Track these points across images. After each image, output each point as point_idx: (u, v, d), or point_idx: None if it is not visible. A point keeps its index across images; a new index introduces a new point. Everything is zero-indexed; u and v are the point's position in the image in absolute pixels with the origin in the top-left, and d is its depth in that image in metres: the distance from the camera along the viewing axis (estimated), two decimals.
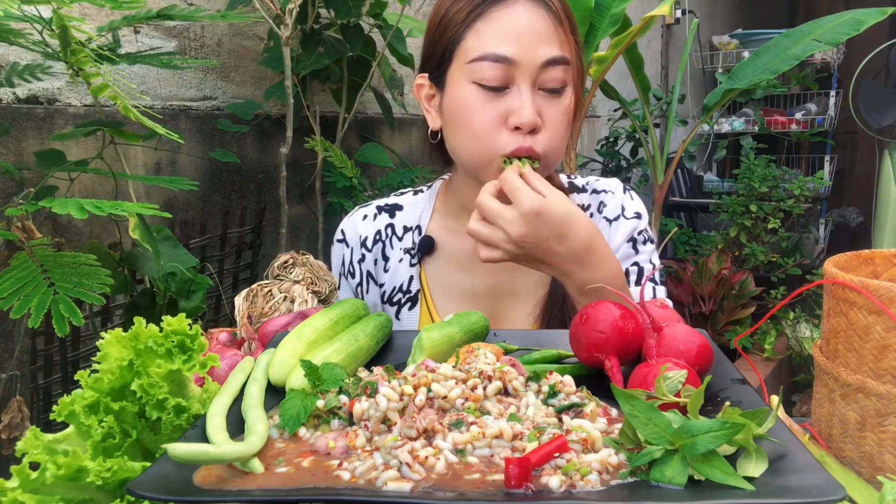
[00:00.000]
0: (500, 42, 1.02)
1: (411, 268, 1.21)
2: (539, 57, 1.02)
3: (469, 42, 1.04)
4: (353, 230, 1.26)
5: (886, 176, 4.33)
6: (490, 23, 1.03)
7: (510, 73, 1.02)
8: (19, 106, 1.88)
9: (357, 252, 1.25)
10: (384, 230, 1.25)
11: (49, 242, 1.35)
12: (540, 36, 1.02)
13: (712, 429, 0.57)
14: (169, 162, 2.24)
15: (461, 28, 1.05)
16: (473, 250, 1.19)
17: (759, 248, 3.88)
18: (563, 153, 1.10)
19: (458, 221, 1.21)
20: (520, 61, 1.01)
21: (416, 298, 1.20)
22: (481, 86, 1.03)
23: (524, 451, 0.60)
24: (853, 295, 0.77)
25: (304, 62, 2.27)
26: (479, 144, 1.05)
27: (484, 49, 1.02)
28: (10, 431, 1.47)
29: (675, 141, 3.77)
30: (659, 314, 0.82)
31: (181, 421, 0.70)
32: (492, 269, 1.19)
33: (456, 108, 1.06)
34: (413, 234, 1.23)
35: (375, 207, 1.27)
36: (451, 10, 1.07)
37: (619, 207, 1.21)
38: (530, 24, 1.02)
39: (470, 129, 1.05)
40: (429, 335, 0.83)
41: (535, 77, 1.02)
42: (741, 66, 2.75)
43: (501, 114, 1.02)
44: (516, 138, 1.02)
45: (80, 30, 1.36)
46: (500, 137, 1.03)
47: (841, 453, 0.82)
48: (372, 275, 1.24)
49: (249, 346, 0.96)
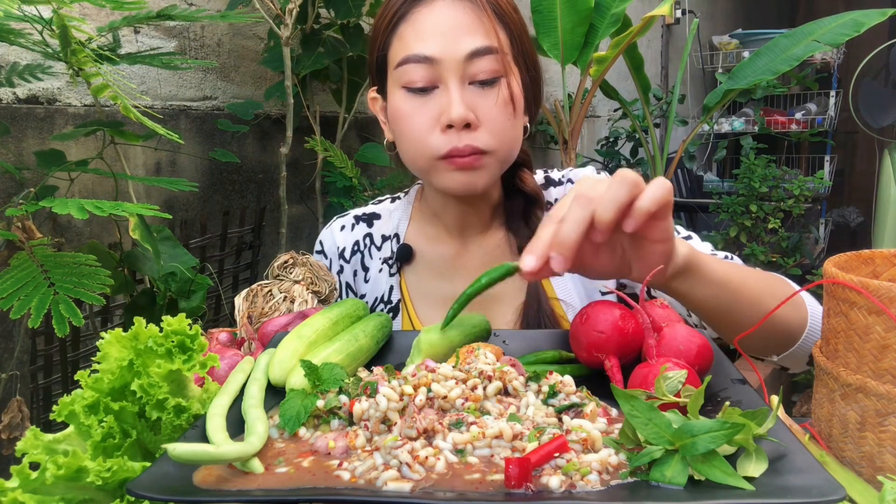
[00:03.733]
0: (420, 42, 1.00)
1: (391, 277, 1.20)
2: (461, 50, 1.00)
3: (394, 47, 1.04)
4: (330, 241, 1.25)
5: (886, 176, 4.33)
6: (410, 24, 1.02)
7: (436, 73, 1.00)
8: (19, 106, 1.88)
9: (335, 264, 1.24)
10: (362, 240, 1.23)
11: (49, 242, 1.35)
12: (461, 29, 1.00)
13: (712, 429, 0.57)
14: (169, 162, 2.24)
15: (386, 34, 1.05)
16: (452, 256, 1.19)
17: (759, 248, 3.88)
18: (515, 146, 1.07)
19: (434, 227, 1.20)
20: (442, 58, 1.00)
21: (397, 308, 1.19)
22: (409, 89, 1.02)
23: (524, 451, 0.60)
24: (853, 295, 0.77)
25: (304, 62, 2.27)
26: (415, 149, 1.04)
27: (406, 51, 1.01)
28: (10, 431, 1.47)
29: (675, 141, 3.78)
30: (659, 314, 0.82)
31: (181, 421, 0.70)
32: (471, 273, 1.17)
33: (394, 117, 1.06)
34: (391, 243, 1.22)
35: (353, 217, 1.26)
36: (379, 19, 1.07)
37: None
38: (449, 20, 1.00)
39: (407, 135, 1.04)
40: (428, 337, 0.83)
41: (461, 72, 1.00)
42: (741, 67, 2.75)
43: (433, 115, 1.01)
44: (450, 138, 1.00)
45: (80, 30, 1.36)
46: (433, 139, 1.01)
47: (841, 453, 0.82)
48: (351, 286, 1.24)
49: (249, 346, 0.96)
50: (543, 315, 1.10)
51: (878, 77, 4.38)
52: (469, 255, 1.19)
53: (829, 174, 4.59)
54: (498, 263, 1.17)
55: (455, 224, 1.18)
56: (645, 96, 2.89)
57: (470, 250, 1.19)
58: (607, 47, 2.45)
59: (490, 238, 1.19)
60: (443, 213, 1.18)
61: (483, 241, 1.19)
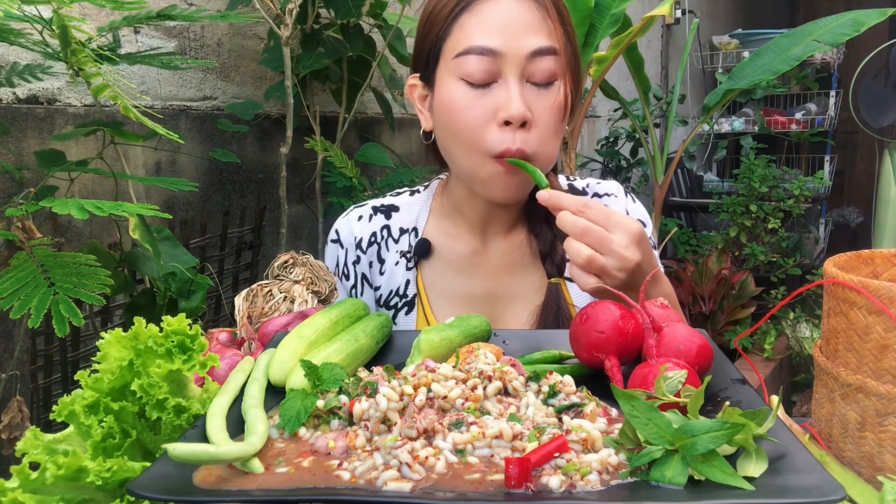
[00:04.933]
0: (484, 34, 0.99)
1: (408, 271, 1.19)
2: (525, 47, 0.99)
3: (454, 37, 1.02)
4: (347, 231, 1.24)
5: (886, 176, 4.33)
6: (474, 15, 1.01)
7: (497, 67, 0.99)
8: (19, 106, 1.88)
9: (352, 254, 1.23)
10: (380, 232, 1.22)
11: (49, 242, 1.35)
12: (526, 26, 1.00)
13: (712, 429, 0.57)
14: (169, 162, 2.24)
15: (446, 23, 1.03)
16: (471, 253, 1.19)
17: (759, 248, 3.88)
18: (556, 153, 1.07)
19: (455, 223, 1.19)
20: (505, 53, 0.99)
21: (412, 303, 1.19)
22: (468, 82, 1.00)
23: (524, 451, 0.60)
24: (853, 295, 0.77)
25: (304, 62, 2.27)
26: (467, 143, 1.02)
27: (469, 42, 1.00)
28: (10, 431, 1.47)
29: (675, 141, 3.78)
30: (659, 314, 0.82)
31: (181, 421, 0.70)
32: (490, 272, 1.18)
33: (444, 107, 1.04)
34: (410, 237, 1.21)
35: (371, 208, 1.24)
36: (437, 6, 1.05)
37: (622, 212, 1.19)
38: (516, 15, 1.00)
39: (458, 127, 1.02)
40: (427, 337, 0.83)
41: (522, 69, 1.00)
42: (741, 66, 2.75)
43: (490, 110, 1.00)
44: (505, 136, 0.99)
45: (80, 30, 1.36)
46: (488, 135, 1.00)
47: (841, 453, 0.82)
48: (367, 277, 1.22)
49: (249, 346, 0.96)
50: (562, 318, 1.10)
51: (878, 77, 4.38)
52: (489, 254, 1.18)
53: (829, 174, 4.59)
54: (517, 264, 1.18)
55: (478, 221, 1.17)
56: (645, 96, 2.89)
57: (490, 249, 1.18)
58: (607, 47, 2.45)
59: (511, 238, 1.18)
60: (466, 210, 1.17)
61: (504, 241, 1.18)
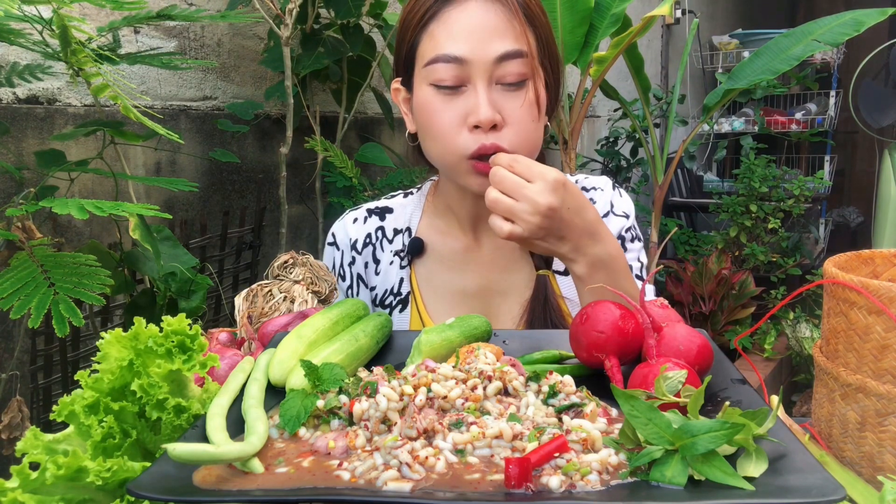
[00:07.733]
0: (451, 42, 1.02)
1: (402, 270, 1.22)
2: (492, 52, 1.01)
3: (424, 45, 1.05)
4: (343, 233, 1.27)
5: (886, 176, 4.33)
6: (442, 24, 1.03)
7: (465, 72, 1.02)
8: (19, 106, 1.88)
9: (347, 255, 1.26)
10: (374, 233, 1.25)
11: (49, 242, 1.35)
12: (492, 31, 1.01)
13: (712, 429, 0.57)
14: (169, 162, 2.24)
15: (416, 32, 1.06)
16: (463, 250, 1.20)
17: (759, 248, 3.88)
18: (536, 147, 1.09)
19: (447, 221, 1.22)
20: (472, 59, 1.01)
21: (406, 300, 1.21)
22: (438, 87, 1.03)
23: (524, 451, 0.60)
24: (853, 295, 0.77)
25: (304, 62, 2.27)
26: (443, 146, 1.05)
27: (437, 51, 1.03)
28: (10, 431, 1.47)
29: (675, 141, 3.78)
30: (659, 314, 0.82)
31: (181, 421, 0.70)
32: (482, 268, 1.19)
33: (421, 111, 1.07)
34: (403, 237, 1.24)
35: (366, 210, 1.28)
36: (409, 14, 1.08)
37: (608, 204, 1.21)
38: (481, 21, 1.02)
39: (434, 130, 1.05)
40: (428, 338, 0.83)
41: (490, 73, 1.02)
42: (741, 66, 2.75)
43: (460, 114, 1.02)
44: (478, 137, 1.02)
45: (80, 30, 1.36)
46: (461, 138, 1.03)
47: (841, 453, 0.82)
48: (362, 278, 1.25)
49: (249, 346, 0.96)
50: (550, 311, 1.12)
51: (878, 77, 4.38)
52: (481, 250, 1.21)
53: (829, 174, 4.59)
54: (508, 259, 1.20)
55: (469, 218, 1.19)
56: (645, 96, 2.89)
57: (482, 245, 1.21)
58: (607, 47, 2.44)
59: None
60: (458, 207, 1.19)
61: (495, 237, 1.19)
